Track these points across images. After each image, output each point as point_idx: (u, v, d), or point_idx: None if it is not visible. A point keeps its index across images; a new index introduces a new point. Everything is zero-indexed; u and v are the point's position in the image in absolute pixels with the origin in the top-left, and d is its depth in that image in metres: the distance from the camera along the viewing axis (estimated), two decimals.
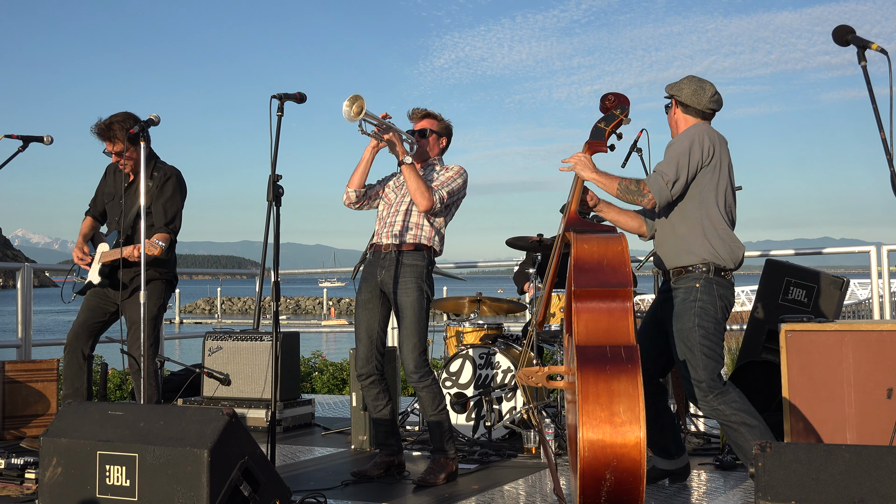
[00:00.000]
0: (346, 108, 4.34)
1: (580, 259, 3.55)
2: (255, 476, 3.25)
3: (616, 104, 4.15)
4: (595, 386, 3.20)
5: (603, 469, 3.14)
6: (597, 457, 3.14)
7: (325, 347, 14.51)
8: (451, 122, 4.99)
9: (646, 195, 4.02)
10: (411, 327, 4.59)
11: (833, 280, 5.91)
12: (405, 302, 4.61)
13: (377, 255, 4.74)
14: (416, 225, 4.69)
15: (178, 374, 7.18)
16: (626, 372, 3.22)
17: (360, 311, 4.77)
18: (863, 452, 2.46)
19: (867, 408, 4.27)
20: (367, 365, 4.72)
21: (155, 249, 4.77)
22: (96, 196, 5.46)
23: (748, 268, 5.87)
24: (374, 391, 4.75)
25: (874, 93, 3.21)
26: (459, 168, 4.80)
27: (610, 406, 3.16)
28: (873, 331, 4.32)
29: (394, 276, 4.65)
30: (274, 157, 3.97)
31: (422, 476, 4.54)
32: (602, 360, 3.27)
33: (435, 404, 4.64)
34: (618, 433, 3.14)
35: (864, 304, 16.32)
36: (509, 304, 6.64)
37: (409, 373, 4.61)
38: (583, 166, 4.09)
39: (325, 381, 9.52)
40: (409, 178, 4.59)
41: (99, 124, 5.11)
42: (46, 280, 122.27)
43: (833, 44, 3.39)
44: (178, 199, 5.21)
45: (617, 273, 3.52)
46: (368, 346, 4.73)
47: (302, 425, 6.56)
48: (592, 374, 3.23)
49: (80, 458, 3.29)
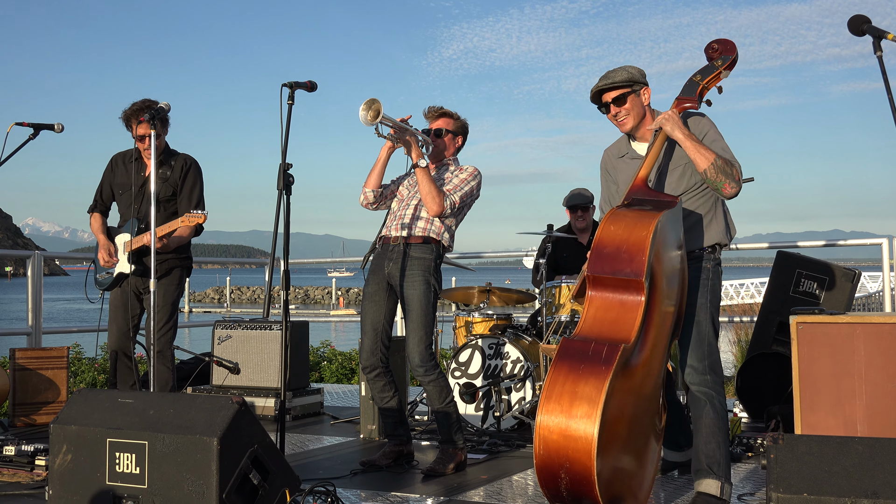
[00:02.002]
0: (363, 113, 4.30)
1: (600, 242, 3.40)
2: (265, 464, 3.25)
3: (719, 53, 3.73)
4: (561, 385, 3.12)
5: (557, 468, 3.09)
6: (550, 455, 3.09)
7: (333, 337, 14.54)
8: (467, 120, 4.96)
9: (737, 181, 3.62)
10: (417, 321, 4.58)
11: (844, 272, 5.88)
12: (412, 295, 4.60)
13: (385, 248, 4.73)
14: (426, 219, 4.67)
15: (188, 363, 7.19)
16: (596, 375, 3.11)
17: (366, 303, 4.76)
18: (876, 445, 2.45)
19: (878, 400, 4.25)
20: (371, 357, 4.71)
21: (199, 217, 4.96)
22: (102, 189, 5.45)
23: (759, 259, 5.87)
24: (380, 383, 4.74)
25: (889, 83, 3.19)
26: (474, 170, 4.77)
27: (570, 408, 3.08)
28: (885, 323, 4.29)
29: (401, 269, 4.63)
30: (284, 145, 3.96)
31: (431, 466, 4.54)
32: (579, 359, 3.18)
33: (442, 397, 4.63)
34: (570, 436, 3.05)
35: (875, 297, 16.26)
36: (518, 294, 6.63)
37: (414, 366, 4.60)
38: (673, 124, 3.65)
39: (333, 370, 9.53)
40: (421, 181, 4.57)
41: (129, 108, 5.13)
42: (57, 268, 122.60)
43: (843, 36, 3.37)
44: (201, 185, 5.33)
45: (632, 262, 3.32)
46: (373, 338, 4.71)
47: (311, 414, 6.57)
48: (563, 372, 3.15)
49: (90, 446, 3.29)
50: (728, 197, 3.68)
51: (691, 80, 3.75)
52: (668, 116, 3.68)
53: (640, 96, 3.87)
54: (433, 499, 4.02)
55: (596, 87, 3.90)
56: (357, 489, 4.21)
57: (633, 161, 3.93)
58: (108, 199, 5.46)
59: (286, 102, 3.99)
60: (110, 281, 5.29)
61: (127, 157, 5.36)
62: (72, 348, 8.57)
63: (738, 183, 3.63)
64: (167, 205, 5.19)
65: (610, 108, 3.88)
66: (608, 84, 3.84)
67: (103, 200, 5.46)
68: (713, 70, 3.73)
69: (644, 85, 3.88)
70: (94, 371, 8.49)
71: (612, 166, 4.03)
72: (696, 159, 3.62)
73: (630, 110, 3.84)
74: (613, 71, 3.88)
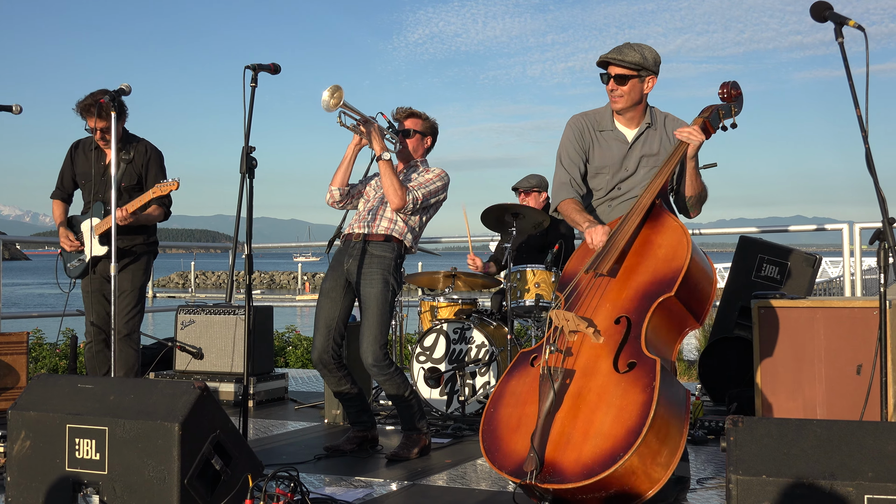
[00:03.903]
0: (326, 98, 4.26)
1: (692, 272, 3.49)
2: (227, 450, 3.23)
3: (734, 97, 3.83)
4: (657, 431, 3.09)
5: (611, 488, 3.08)
6: (612, 481, 3.05)
7: (299, 322, 14.48)
8: (437, 121, 4.91)
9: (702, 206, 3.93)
10: (373, 319, 4.52)
11: (805, 257, 5.95)
12: (369, 293, 4.54)
13: (347, 244, 4.68)
14: (390, 219, 4.64)
15: (151, 348, 7.12)
16: (679, 419, 3.21)
17: (322, 299, 4.70)
18: (833, 427, 2.48)
19: (838, 383, 4.31)
20: (322, 355, 4.64)
21: (171, 185, 5.02)
22: (63, 177, 5.39)
23: (722, 245, 5.93)
24: (334, 378, 4.69)
25: (850, 69, 3.22)
26: (441, 172, 4.74)
27: (657, 456, 3.11)
28: (844, 307, 4.35)
29: (359, 266, 4.58)
30: (247, 128, 3.92)
31: (395, 451, 4.53)
32: (672, 398, 3.21)
33: (401, 392, 4.59)
34: (648, 475, 3.10)
35: (836, 282, 16.48)
36: (484, 279, 6.64)
37: (368, 366, 4.53)
38: (698, 143, 3.70)
39: (298, 355, 9.51)
40: (384, 174, 4.52)
41: (83, 101, 5.06)
42: (17, 253, 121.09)
43: (805, 24, 3.41)
44: (164, 169, 5.31)
45: (701, 303, 3.56)
46: (325, 336, 4.63)
47: (275, 399, 6.54)
48: (663, 416, 3.13)
49: (49, 432, 3.25)
50: (690, 218, 3.89)
51: (717, 111, 3.78)
52: (700, 143, 3.70)
53: (643, 83, 3.86)
54: (397, 483, 4.03)
55: (604, 57, 3.87)
56: (321, 474, 4.20)
57: (616, 142, 3.93)
58: (69, 187, 5.41)
59: (249, 85, 3.96)
60: (82, 268, 5.24)
61: (86, 145, 5.32)
62: (32, 334, 8.47)
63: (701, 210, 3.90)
64: (133, 193, 5.14)
65: (610, 81, 3.87)
66: (617, 59, 3.82)
67: (64, 188, 5.41)
68: (730, 112, 3.81)
69: (652, 73, 3.86)
70: (56, 357, 8.40)
71: (591, 135, 3.97)
72: (691, 184, 3.80)
73: (627, 93, 3.84)
74: (629, 47, 3.84)
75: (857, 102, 3.17)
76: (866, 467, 2.38)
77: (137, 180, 5.20)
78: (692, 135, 3.69)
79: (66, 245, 5.24)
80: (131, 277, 5.16)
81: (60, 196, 5.41)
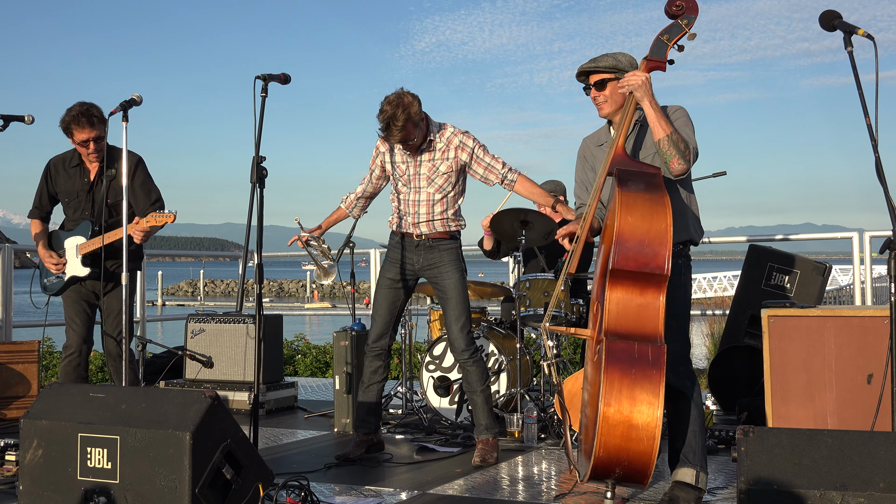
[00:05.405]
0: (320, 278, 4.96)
1: (622, 236, 3.38)
2: (238, 459, 3.24)
3: (684, 11, 3.64)
4: (619, 392, 3.24)
5: (614, 467, 3.30)
6: (610, 457, 3.27)
7: (308, 330, 14.50)
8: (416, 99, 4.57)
9: (687, 159, 3.60)
10: (458, 308, 4.70)
11: (816, 266, 5.94)
12: (448, 285, 4.71)
13: (410, 243, 4.79)
14: (440, 214, 4.74)
15: (161, 357, 7.15)
16: (650, 379, 3.25)
17: (385, 290, 4.83)
18: (845, 438, 2.47)
19: (848, 393, 4.29)
20: (380, 339, 4.81)
21: (169, 217, 4.85)
22: (41, 196, 5.21)
23: (731, 253, 5.91)
24: (376, 364, 4.83)
25: (860, 78, 3.21)
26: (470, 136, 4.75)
27: (631, 415, 3.22)
28: (855, 316, 4.34)
29: (432, 263, 4.75)
30: (258, 138, 3.93)
31: (482, 458, 4.59)
32: (629, 362, 3.28)
33: (482, 380, 4.74)
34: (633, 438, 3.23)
35: (846, 290, 16.42)
36: (493, 287, 6.64)
37: (458, 352, 4.71)
38: (644, 89, 3.58)
39: (308, 363, 9.51)
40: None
41: (70, 112, 4.89)
42: (28, 261, 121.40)
43: (812, 31, 3.41)
44: (151, 180, 5.12)
45: (657, 257, 3.37)
46: (388, 321, 4.82)
47: (285, 408, 6.55)
48: (617, 377, 3.26)
49: (61, 440, 3.26)
50: (674, 174, 3.64)
51: (659, 40, 3.66)
52: (642, 83, 3.58)
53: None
54: (407, 492, 4.03)
55: (581, 68, 3.91)
56: (331, 483, 4.21)
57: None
58: (47, 206, 5.24)
59: (259, 95, 3.97)
60: (60, 285, 5.10)
61: (67, 162, 5.12)
62: (43, 342, 8.50)
63: (688, 163, 3.61)
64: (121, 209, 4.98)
65: (591, 90, 3.89)
66: (592, 67, 3.85)
67: (42, 206, 5.24)
68: (680, 30, 3.65)
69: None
70: None
71: (591, 154, 4.02)
72: (655, 128, 3.60)
73: (608, 97, 3.84)
74: (603, 56, 3.88)
75: (867, 111, 3.17)
76: (878, 478, 2.37)
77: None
78: (629, 80, 3.62)
79: (50, 267, 5.09)
80: (119, 297, 4.95)
81: (39, 215, 5.25)
